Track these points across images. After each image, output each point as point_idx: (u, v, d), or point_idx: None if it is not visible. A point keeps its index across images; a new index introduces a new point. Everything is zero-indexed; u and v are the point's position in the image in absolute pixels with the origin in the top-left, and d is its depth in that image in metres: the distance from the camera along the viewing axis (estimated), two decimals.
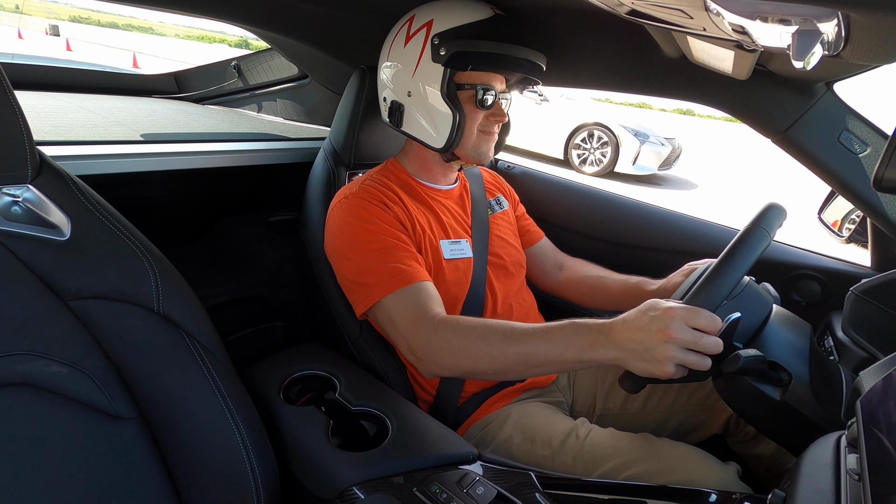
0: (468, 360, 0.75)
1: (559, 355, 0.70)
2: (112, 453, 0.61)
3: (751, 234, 0.70)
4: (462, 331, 0.76)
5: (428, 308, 0.81)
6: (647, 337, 0.64)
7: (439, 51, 0.87)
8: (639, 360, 0.65)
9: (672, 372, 0.63)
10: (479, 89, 0.90)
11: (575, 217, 1.39)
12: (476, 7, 0.89)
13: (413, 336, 0.79)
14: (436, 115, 0.91)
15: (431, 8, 0.91)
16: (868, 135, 0.90)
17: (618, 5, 0.59)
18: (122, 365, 0.63)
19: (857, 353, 0.85)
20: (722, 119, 28.76)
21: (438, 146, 0.93)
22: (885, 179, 0.52)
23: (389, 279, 0.83)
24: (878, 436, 0.40)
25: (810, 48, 0.48)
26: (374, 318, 0.89)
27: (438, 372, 0.80)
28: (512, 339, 0.72)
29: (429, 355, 0.78)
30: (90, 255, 0.62)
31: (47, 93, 1.60)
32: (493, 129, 0.95)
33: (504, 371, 0.75)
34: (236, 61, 1.81)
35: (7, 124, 0.57)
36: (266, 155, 1.26)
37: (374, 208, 0.89)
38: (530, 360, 0.72)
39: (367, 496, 0.66)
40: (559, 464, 0.85)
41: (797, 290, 1.13)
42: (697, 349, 0.63)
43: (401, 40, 0.93)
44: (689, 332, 0.62)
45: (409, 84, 0.92)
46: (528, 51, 0.89)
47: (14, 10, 11.14)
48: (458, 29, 0.87)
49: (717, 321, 0.64)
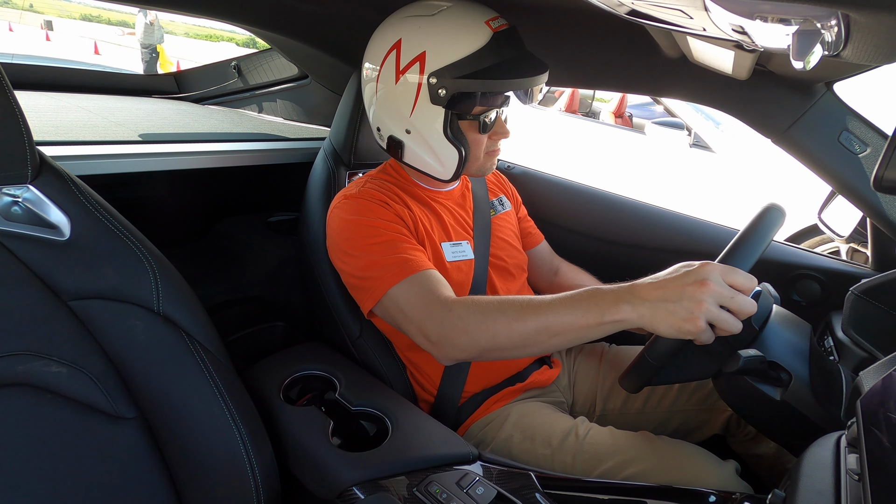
0: (486, 335, 0.71)
1: (580, 319, 0.66)
2: (112, 453, 0.61)
3: (769, 210, 0.71)
4: (477, 307, 0.73)
5: (438, 292, 0.78)
6: (679, 289, 0.60)
7: (438, 91, 0.80)
8: (668, 314, 0.60)
9: (702, 328, 0.59)
10: (480, 118, 0.85)
11: (575, 217, 1.39)
12: (470, 28, 0.80)
13: (426, 320, 0.76)
14: (440, 152, 0.87)
15: (420, 33, 0.81)
16: (868, 135, 0.90)
17: (618, 5, 0.59)
18: (122, 365, 0.63)
19: (857, 353, 0.85)
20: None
21: (445, 178, 0.90)
22: (885, 179, 0.52)
23: (395, 269, 0.81)
24: (878, 436, 0.40)
25: (810, 48, 0.48)
26: (382, 313, 0.84)
27: (456, 354, 0.75)
28: (530, 309, 0.69)
29: (444, 338, 0.74)
30: (90, 255, 0.62)
31: (47, 93, 1.60)
32: (498, 146, 0.93)
33: (524, 343, 0.70)
34: (236, 61, 1.81)
35: (7, 124, 0.57)
36: (266, 155, 1.26)
37: (374, 206, 0.88)
38: (550, 329, 0.68)
39: (367, 496, 0.66)
40: (559, 463, 0.85)
41: (797, 290, 1.13)
42: (732, 306, 0.60)
43: (390, 74, 0.84)
44: (727, 287, 0.60)
45: (407, 123, 0.86)
46: (531, 80, 0.83)
47: (28, 8, 11.22)
48: (455, 65, 0.79)
49: (753, 280, 0.62)
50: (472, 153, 0.88)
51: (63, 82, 1.75)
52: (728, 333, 0.61)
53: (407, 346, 0.98)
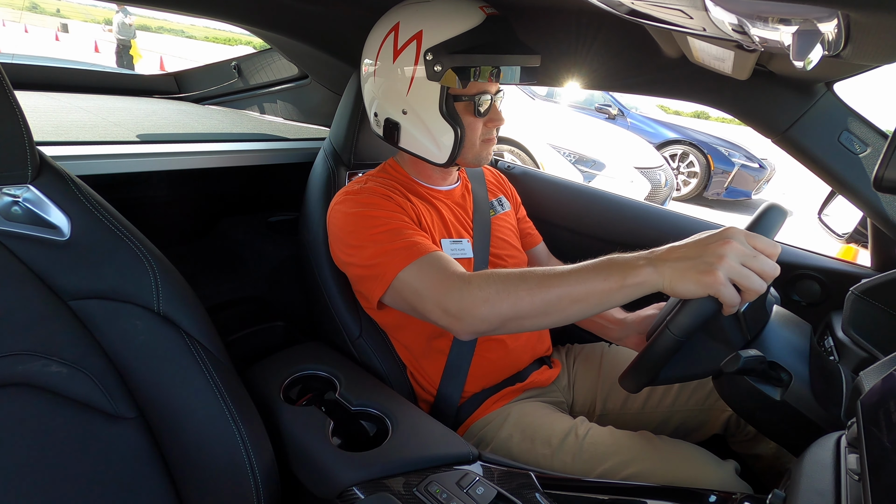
0: (507, 303, 0.70)
1: (602, 284, 0.65)
2: (112, 453, 0.61)
3: (771, 208, 0.71)
4: (497, 277, 0.72)
5: (453, 268, 0.77)
6: (701, 248, 0.61)
7: (434, 67, 0.83)
8: (687, 270, 0.60)
9: (722, 280, 0.58)
10: (475, 98, 0.88)
11: (575, 217, 1.39)
12: (465, 10, 0.84)
13: (444, 294, 0.74)
14: (436, 131, 0.88)
15: (417, 15, 0.86)
16: (868, 135, 0.90)
17: (618, 5, 0.59)
18: (122, 365, 0.63)
19: (857, 353, 0.85)
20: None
21: (441, 161, 0.91)
22: (885, 179, 0.52)
23: (404, 252, 0.80)
24: (878, 436, 0.40)
25: (810, 48, 0.48)
26: (394, 298, 0.83)
27: (477, 326, 0.73)
28: (551, 277, 0.69)
29: (465, 310, 0.72)
30: (90, 255, 0.62)
31: (47, 93, 1.60)
32: (493, 134, 0.94)
33: (546, 310, 0.69)
34: (236, 61, 1.81)
35: (7, 124, 0.57)
36: (266, 155, 1.26)
37: (377, 199, 0.88)
38: (572, 295, 0.67)
39: (367, 496, 0.66)
40: (559, 463, 0.85)
41: (797, 290, 1.13)
42: (754, 266, 0.59)
43: (388, 53, 0.87)
44: (749, 247, 0.60)
45: (404, 102, 0.88)
46: (524, 57, 0.87)
47: (55, 13, 11.74)
48: (451, 42, 0.82)
49: (777, 247, 0.61)
50: (467, 138, 0.89)
51: (63, 82, 1.75)
52: (752, 295, 0.60)
53: (407, 345, 0.98)
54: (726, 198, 5.77)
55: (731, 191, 5.72)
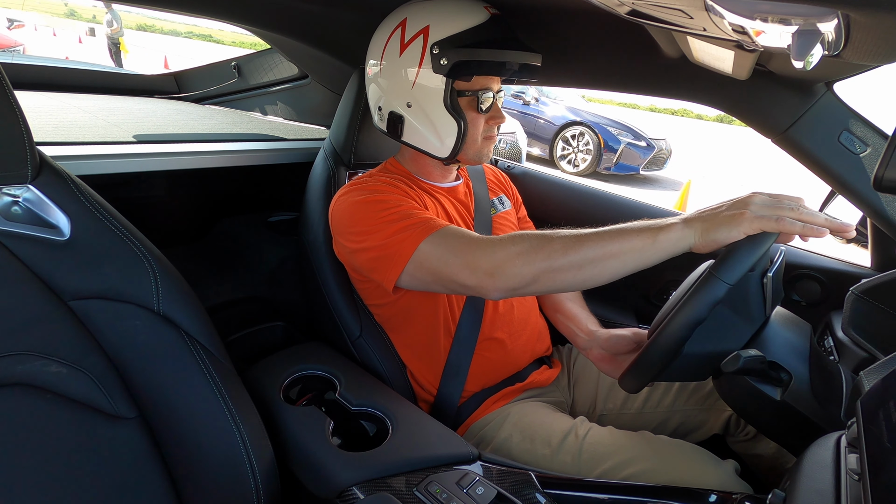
0: (541, 256, 0.70)
1: (635, 240, 0.68)
2: (112, 453, 0.61)
3: None
4: (527, 235, 0.74)
5: (476, 234, 0.79)
6: (727, 204, 0.65)
7: (440, 60, 0.85)
8: (720, 218, 0.64)
9: (756, 217, 0.61)
10: (478, 94, 0.89)
11: (575, 217, 1.39)
12: (470, 9, 0.87)
13: (475, 254, 0.75)
14: (439, 125, 0.89)
15: (424, 11, 0.88)
16: (868, 135, 0.90)
17: (618, 5, 0.59)
18: (121, 365, 0.63)
19: (857, 353, 0.85)
20: (713, 119, 29.26)
21: (443, 155, 0.91)
22: (885, 179, 0.52)
23: (422, 226, 0.80)
24: (878, 436, 0.40)
25: (810, 48, 0.48)
26: (414, 273, 0.81)
27: (510, 282, 0.73)
28: (583, 234, 0.71)
29: (498, 266, 0.72)
30: (90, 255, 0.62)
31: (47, 93, 1.60)
32: (495, 132, 0.95)
33: (580, 263, 0.70)
34: (236, 61, 1.81)
35: (7, 124, 0.57)
36: (266, 155, 1.26)
37: (383, 186, 0.89)
38: (605, 251, 0.69)
39: (367, 496, 0.66)
40: (558, 463, 0.85)
41: (797, 290, 1.13)
42: (782, 211, 0.62)
43: (395, 47, 0.89)
44: (772, 199, 0.64)
45: (409, 95, 0.90)
46: (526, 54, 0.88)
47: (91, 19, 12.61)
48: (457, 36, 0.84)
49: (801, 201, 0.64)
50: (469, 133, 0.90)
51: (64, 82, 1.75)
52: (787, 237, 0.63)
53: (407, 345, 0.98)
54: (616, 172, 6.57)
55: (620, 166, 6.55)
